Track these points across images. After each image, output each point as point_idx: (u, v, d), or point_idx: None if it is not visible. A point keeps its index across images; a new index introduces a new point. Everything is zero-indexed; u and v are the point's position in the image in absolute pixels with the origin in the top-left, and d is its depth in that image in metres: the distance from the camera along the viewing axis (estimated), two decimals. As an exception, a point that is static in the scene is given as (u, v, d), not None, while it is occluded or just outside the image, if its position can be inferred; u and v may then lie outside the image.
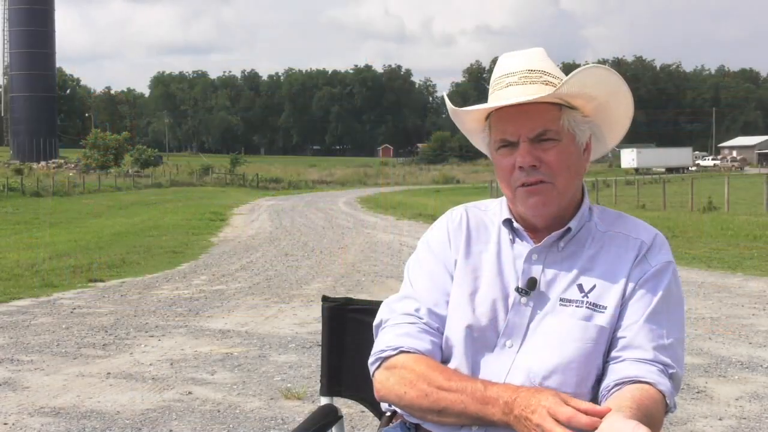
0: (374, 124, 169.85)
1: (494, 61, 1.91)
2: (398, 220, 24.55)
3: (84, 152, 74.92)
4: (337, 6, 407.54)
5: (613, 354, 1.74)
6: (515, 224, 1.86)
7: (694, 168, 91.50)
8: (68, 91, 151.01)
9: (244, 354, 6.62)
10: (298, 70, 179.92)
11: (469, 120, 1.90)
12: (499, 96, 1.80)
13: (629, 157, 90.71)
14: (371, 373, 1.85)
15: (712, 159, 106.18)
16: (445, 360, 1.82)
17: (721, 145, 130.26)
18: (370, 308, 2.05)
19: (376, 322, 1.92)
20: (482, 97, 1.87)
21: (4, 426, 4.77)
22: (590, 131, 1.85)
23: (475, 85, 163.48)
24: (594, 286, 1.77)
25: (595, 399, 1.73)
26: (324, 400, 2.23)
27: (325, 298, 2.28)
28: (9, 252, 15.01)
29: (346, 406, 3.17)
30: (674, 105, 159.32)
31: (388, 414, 1.97)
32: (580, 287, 1.78)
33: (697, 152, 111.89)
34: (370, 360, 1.85)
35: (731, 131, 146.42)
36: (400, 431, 1.85)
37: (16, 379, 5.89)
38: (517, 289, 1.79)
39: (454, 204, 2.06)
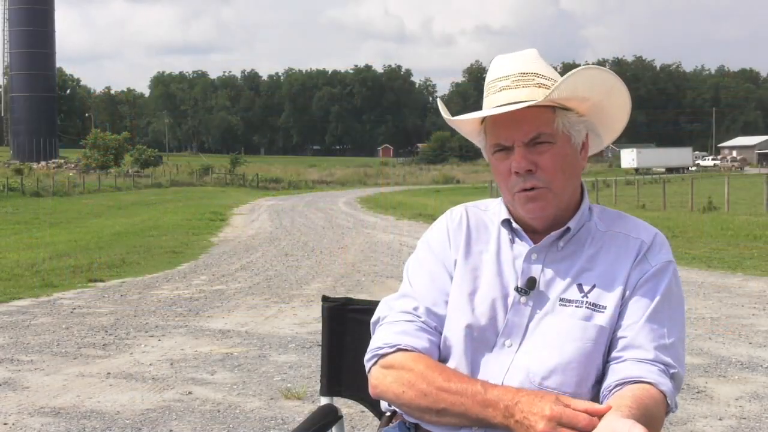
0: (374, 124, 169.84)
1: (494, 61, 1.91)
2: (398, 220, 24.55)
3: (84, 152, 74.93)
4: (337, 6, 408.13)
5: (614, 354, 1.73)
6: (514, 224, 1.85)
7: (694, 168, 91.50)
8: (68, 91, 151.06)
9: (244, 354, 6.62)
10: (298, 70, 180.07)
11: (464, 124, 1.91)
12: (493, 100, 1.80)
13: (629, 157, 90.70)
14: (367, 369, 1.84)
15: (712, 159, 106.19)
16: (443, 359, 1.81)
17: (721, 145, 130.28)
18: (370, 308, 2.04)
19: (373, 319, 1.92)
20: (482, 97, 1.87)
21: (4, 426, 4.77)
22: (586, 130, 1.85)
23: (475, 85, 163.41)
24: (594, 286, 1.77)
25: (595, 399, 1.72)
26: (324, 400, 2.22)
27: (325, 298, 2.28)
28: (9, 252, 15.01)
29: (346, 406, 3.17)
30: (674, 105, 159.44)
31: (388, 414, 1.96)
32: (580, 287, 1.77)
33: (697, 152, 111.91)
34: (367, 356, 1.85)
35: (731, 131, 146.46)
36: (399, 431, 1.85)
37: (16, 379, 5.89)
38: (517, 289, 1.79)
39: (454, 204, 2.06)
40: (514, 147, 1.77)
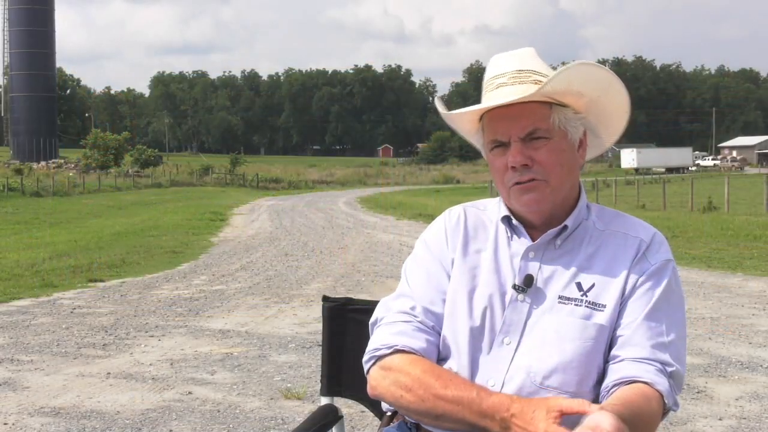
0: (374, 124, 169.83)
1: (494, 62, 1.91)
2: (398, 220, 24.54)
3: (84, 152, 74.93)
4: (337, 6, 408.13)
5: (613, 353, 1.73)
6: (514, 221, 1.85)
7: (694, 168, 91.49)
8: (68, 91, 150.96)
9: (244, 354, 6.62)
10: (298, 70, 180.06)
11: (462, 122, 1.91)
12: (490, 97, 1.81)
13: (629, 157, 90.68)
14: (365, 371, 1.84)
15: (712, 159, 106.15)
16: (443, 358, 1.81)
17: (721, 145, 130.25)
18: (370, 308, 2.04)
19: (371, 320, 1.92)
20: (482, 96, 1.88)
21: (4, 426, 4.77)
22: (584, 128, 1.85)
23: (475, 85, 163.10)
24: (593, 285, 1.77)
25: (597, 399, 1.72)
26: (324, 400, 2.22)
27: (325, 298, 2.28)
28: (9, 252, 15.01)
29: (346, 406, 3.17)
30: (674, 105, 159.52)
31: (389, 414, 1.96)
32: (579, 285, 1.77)
33: (697, 152, 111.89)
34: (365, 358, 1.85)
35: (731, 131, 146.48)
36: (399, 431, 1.85)
37: (16, 379, 5.89)
38: (514, 287, 1.79)
39: (454, 204, 2.06)
40: (510, 142, 1.78)
